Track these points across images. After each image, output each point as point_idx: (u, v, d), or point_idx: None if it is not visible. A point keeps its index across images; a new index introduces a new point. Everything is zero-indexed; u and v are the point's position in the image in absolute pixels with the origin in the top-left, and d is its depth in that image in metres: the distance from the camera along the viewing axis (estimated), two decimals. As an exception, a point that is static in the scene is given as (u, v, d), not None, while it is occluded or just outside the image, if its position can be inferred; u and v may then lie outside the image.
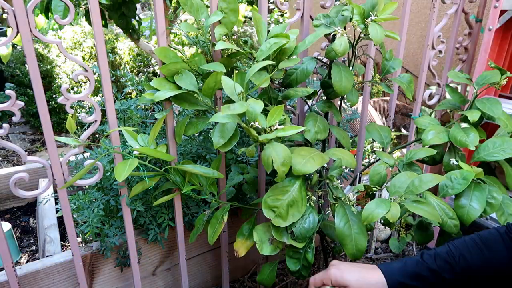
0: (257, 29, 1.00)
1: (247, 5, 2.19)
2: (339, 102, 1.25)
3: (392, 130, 1.47)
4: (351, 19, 1.01)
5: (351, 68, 1.13)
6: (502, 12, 1.50)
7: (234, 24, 1.00)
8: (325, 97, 1.18)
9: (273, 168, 0.86)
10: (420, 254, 0.84)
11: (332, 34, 1.04)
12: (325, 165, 1.06)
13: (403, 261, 0.85)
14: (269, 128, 0.87)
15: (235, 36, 0.96)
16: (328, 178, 1.03)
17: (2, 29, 3.57)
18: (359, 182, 1.32)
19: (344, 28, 1.06)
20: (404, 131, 2.56)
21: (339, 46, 0.99)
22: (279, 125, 0.88)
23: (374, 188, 1.02)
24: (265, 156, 0.87)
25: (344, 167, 1.64)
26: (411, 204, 0.89)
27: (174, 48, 0.98)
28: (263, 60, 0.96)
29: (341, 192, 1.01)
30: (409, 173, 0.95)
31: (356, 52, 1.12)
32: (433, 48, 1.38)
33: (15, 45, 3.17)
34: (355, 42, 1.09)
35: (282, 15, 4.00)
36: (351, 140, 1.99)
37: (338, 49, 0.99)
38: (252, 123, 0.86)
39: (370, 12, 1.00)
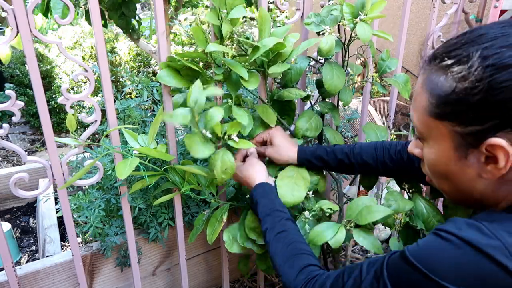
0: (261, 27, 1.00)
1: (246, 5, 2.19)
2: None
3: (393, 130, 1.47)
4: (342, 18, 1.01)
5: (344, 67, 1.13)
6: (502, 12, 1.50)
7: (238, 21, 1.00)
8: (321, 97, 1.18)
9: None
10: (332, 146, 1.02)
11: (321, 33, 1.05)
12: None
13: (318, 146, 1.04)
14: (227, 137, 0.92)
15: (235, 36, 0.96)
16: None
17: (1, 29, 3.56)
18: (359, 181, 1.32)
19: (338, 27, 1.06)
20: (404, 131, 2.57)
21: (325, 44, 1.00)
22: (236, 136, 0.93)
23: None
24: (212, 159, 0.92)
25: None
26: (357, 232, 0.90)
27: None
28: (254, 60, 0.98)
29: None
30: (368, 199, 0.94)
31: (349, 52, 1.12)
32: (433, 48, 1.38)
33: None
34: (347, 41, 1.09)
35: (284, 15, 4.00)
36: (351, 140, 1.98)
37: (324, 47, 1.00)
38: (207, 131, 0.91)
39: (360, 11, 1.01)
